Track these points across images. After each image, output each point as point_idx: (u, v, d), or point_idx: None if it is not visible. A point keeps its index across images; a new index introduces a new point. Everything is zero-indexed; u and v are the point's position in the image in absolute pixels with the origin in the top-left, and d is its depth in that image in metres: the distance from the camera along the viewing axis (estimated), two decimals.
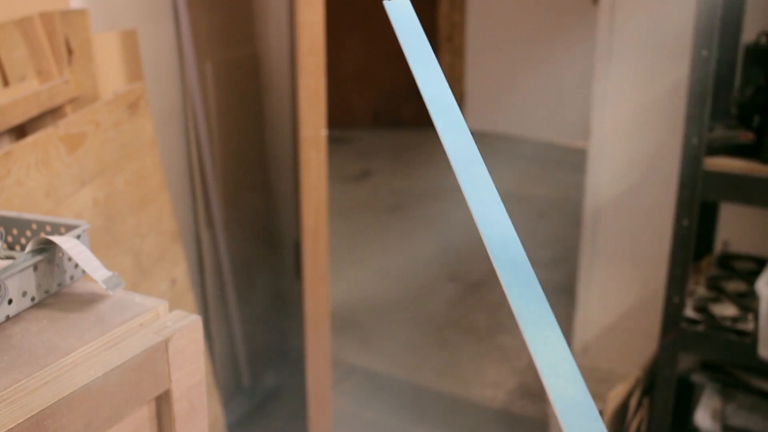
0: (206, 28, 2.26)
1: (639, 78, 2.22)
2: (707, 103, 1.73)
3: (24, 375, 0.79)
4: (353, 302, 3.32)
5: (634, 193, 2.32)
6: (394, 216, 4.24)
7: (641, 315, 2.38)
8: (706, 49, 1.70)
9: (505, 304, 3.25)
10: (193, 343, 0.91)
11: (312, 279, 1.98)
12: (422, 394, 2.72)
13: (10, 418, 0.73)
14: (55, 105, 1.54)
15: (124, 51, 1.79)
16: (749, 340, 1.80)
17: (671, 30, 2.13)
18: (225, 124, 2.36)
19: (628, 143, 2.28)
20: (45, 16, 1.55)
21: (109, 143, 1.62)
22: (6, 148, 1.34)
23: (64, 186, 1.47)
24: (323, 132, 1.89)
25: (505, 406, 2.65)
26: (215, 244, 2.38)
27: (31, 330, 0.88)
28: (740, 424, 1.90)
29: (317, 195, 1.93)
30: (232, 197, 2.43)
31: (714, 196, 1.86)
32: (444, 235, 4.02)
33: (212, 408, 2.03)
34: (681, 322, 1.87)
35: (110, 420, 0.82)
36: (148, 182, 1.78)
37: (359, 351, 2.96)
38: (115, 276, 0.93)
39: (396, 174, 4.89)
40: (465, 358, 2.92)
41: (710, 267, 2.09)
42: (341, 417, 2.56)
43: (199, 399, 0.93)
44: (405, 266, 3.66)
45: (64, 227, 0.98)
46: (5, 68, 1.49)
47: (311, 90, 1.86)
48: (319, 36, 1.83)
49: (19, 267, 0.90)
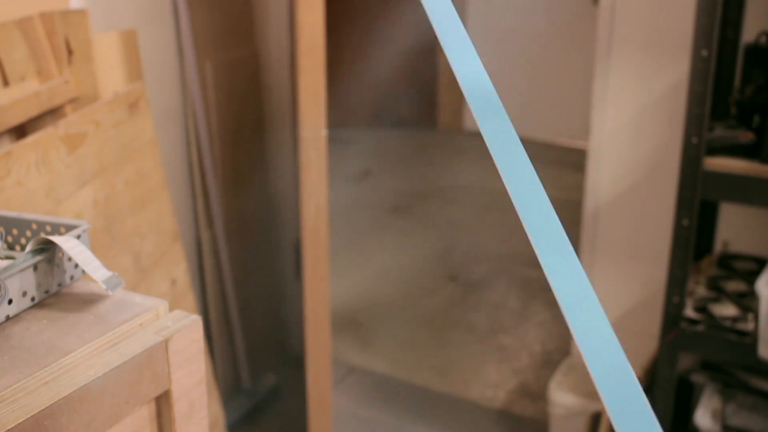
0: (206, 28, 2.26)
1: (639, 78, 2.22)
2: (707, 103, 1.73)
3: (24, 375, 0.79)
4: (353, 302, 3.32)
5: (634, 193, 2.32)
6: (394, 216, 4.24)
7: (641, 315, 2.38)
8: (706, 49, 1.70)
9: (506, 304, 3.25)
10: (193, 343, 0.91)
11: (312, 279, 1.98)
12: (422, 394, 2.72)
13: (10, 418, 0.73)
14: (55, 105, 1.54)
15: (124, 51, 1.79)
16: (749, 340, 1.80)
17: (671, 30, 2.13)
18: (225, 124, 2.36)
19: (628, 143, 2.28)
20: (45, 16, 1.55)
21: (109, 143, 1.62)
22: (6, 148, 1.34)
23: (64, 186, 1.47)
24: (323, 132, 1.89)
25: (505, 406, 2.65)
26: (215, 244, 2.38)
27: (31, 330, 0.88)
28: (740, 424, 1.90)
29: (317, 195, 1.93)
30: (232, 197, 2.43)
31: (714, 196, 1.86)
32: (444, 235, 4.02)
33: (212, 408, 2.03)
34: (681, 322, 1.87)
35: (110, 420, 0.82)
36: (148, 182, 1.78)
37: (359, 351, 2.96)
38: (115, 276, 0.93)
39: (396, 174, 4.89)
40: (465, 358, 2.92)
41: (710, 267, 2.09)
42: (341, 417, 2.56)
43: (199, 399, 0.93)
44: (405, 266, 3.66)
45: (64, 227, 0.98)
46: (5, 68, 1.49)
47: (311, 90, 1.86)
48: (319, 36, 1.83)
49: (19, 267, 0.90)
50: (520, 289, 3.39)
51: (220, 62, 2.32)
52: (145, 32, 2.02)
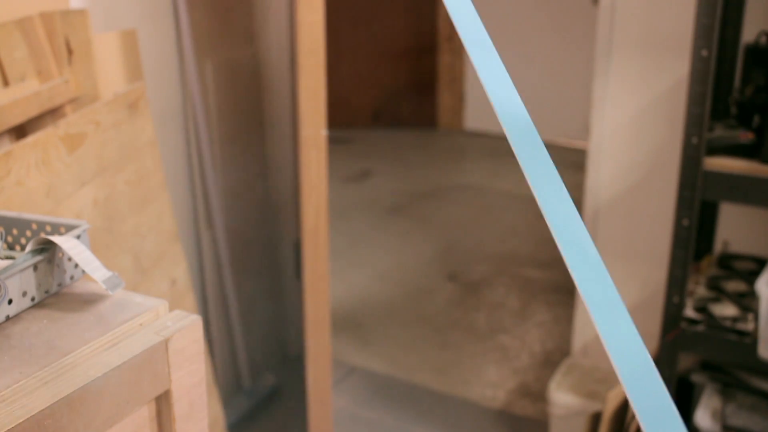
0: (206, 28, 2.26)
1: (639, 78, 2.22)
2: (707, 103, 1.73)
3: (24, 375, 0.79)
4: (353, 302, 3.32)
5: (634, 193, 2.32)
6: (394, 216, 4.24)
7: (641, 315, 2.38)
8: (706, 49, 1.70)
9: (506, 304, 3.25)
10: (193, 343, 0.91)
11: (312, 279, 1.98)
12: (422, 394, 2.72)
13: (10, 418, 0.73)
14: (55, 105, 1.54)
15: (124, 51, 1.79)
16: (749, 340, 1.80)
17: (671, 30, 2.13)
18: (225, 124, 2.36)
19: (628, 143, 2.28)
20: (45, 16, 1.55)
21: (109, 143, 1.62)
22: (6, 148, 1.34)
23: (64, 186, 1.47)
24: (323, 132, 1.89)
25: (505, 406, 2.65)
26: (215, 244, 2.38)
27: (31, 330, 0.88)
28: (740, 424, 1.90)
29: (317, 195, 1.93)
30: (232, 197, 2.43)
31: (714, 196, 1.86)
32: (444, 235, 4.02)
33: (212, 408, 2.03)
34: (681, 322, 1.87)
35: (110, 420, 0.82)
36: (148, 182, 1.78)
37: (359, 351, 2.96)
38: (115, 276, 0.93)
39: (396, 174, 4.89)
40: (465, 358, 2.92)
41: (710, 267, 2.09)
42: (341, 417, 2.56)
43: (199, 399, 0.93)
44: (405, 266, 3.66)
45: (64, 227, 0.98)
46: (5, 68, 1.49)
47: (311, 90, 1.86)
48: (319, 36, 1.83)
49: (19, 267, 0.90)
50: (520, 289, 3.39)
51: (220, 62, 2.32)
52: (145, 32, 2.02)
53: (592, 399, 2.30)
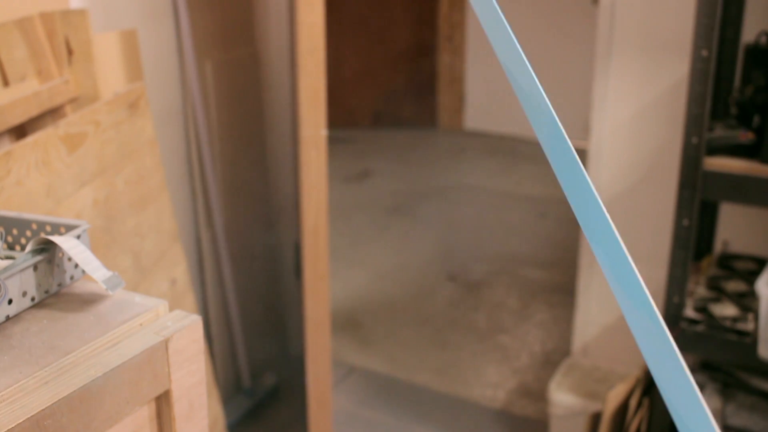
0: (206, 28, 2.26)
1: (639, 78, 2.22)
2: (707, 103, 1.73)
3: (24, 375, 0.79)
4: (353, 302, 3.32)
5: (634, 193, 2.32)
6: (394, 216, 4.24)
7: None
8: (706, 49, 1.70)
9: (506, 304, 3.25)
10: (193, 343, 0.91)
11: (312, 279, 1.98)
12: (422, 394, 2.72)
13: (10, 418, 0.73)
14: (55, 105, 1.54)
15: (124, 51, 1.79)
16: (749, 340, 1.80)
17: (671, 30, 2.13)
18: (225, 124, 2.36)
19: (628, 143, 2.28)
20: (45, 16, 1.55)
21: (109, 143, 1.62)
22: (6, 148, 1.34)
23: (64, 186, 1.47)
24: (323, 132, 1.89)
25: (505, 406, 2.65)
26: (215, 244, 2.38)
27: (31, 330, 0.88)
28: (740, 424, 1.90)
29: (317, 195, 1.93)
30: (232, 197, 2.43)
31: (714, 196, 1.86)
32: (444, 235, 4.02)
33: (212, 408, 2.03)
34: (681, 322, 1.87)
35: (110, 420, 0.82)
36: (148, 182, 1.78)
37: (359, 351, 2.96)
38: (115, 276, 0.93)
39: (396, 174, 4.89)
40: (465, 358, 2.92)
41: (710, 267, 2.09)
42: (341, 417, 2.56)
43: (199, 399, 0.93)
44: (405, 266, 3.66)
45: (64, 227, 0.98)
46: (5, 68, 1.49)
47: (311, 90, 1.86)
48: (319, 36, 1.83)
49: (19, 267, 0.90)
50: (520, 289, 3.39)
51: (220, 62, 2.32)
52: (145, 32, 2.02)
53: (592, 399, 2.30)
